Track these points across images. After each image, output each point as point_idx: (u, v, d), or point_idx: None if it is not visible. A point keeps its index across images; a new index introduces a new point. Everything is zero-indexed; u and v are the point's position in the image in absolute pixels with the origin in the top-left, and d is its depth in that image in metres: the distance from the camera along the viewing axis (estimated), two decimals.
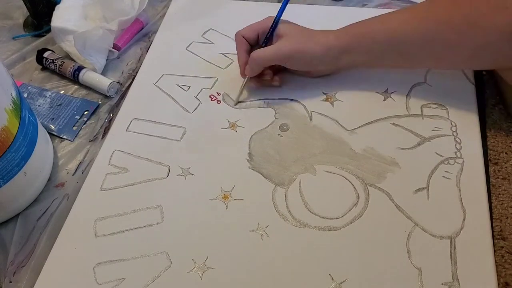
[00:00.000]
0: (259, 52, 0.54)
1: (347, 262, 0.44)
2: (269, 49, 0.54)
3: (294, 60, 0.54)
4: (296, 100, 0.58)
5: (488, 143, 0.51)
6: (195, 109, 0.58)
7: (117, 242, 0.48)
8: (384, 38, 0.51)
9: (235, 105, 0.58)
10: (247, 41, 0.56)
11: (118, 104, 0.61)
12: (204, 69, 0.63)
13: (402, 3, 0.67)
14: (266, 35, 0.55)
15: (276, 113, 0.57)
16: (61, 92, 0.63)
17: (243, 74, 0.57)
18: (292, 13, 0.68)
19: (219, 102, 0.59)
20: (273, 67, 0.57)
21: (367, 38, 0.52)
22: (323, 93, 0.58)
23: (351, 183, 0.50)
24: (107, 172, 0.53)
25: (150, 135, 0.56)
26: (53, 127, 0.58)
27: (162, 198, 0.50)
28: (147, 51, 0.66)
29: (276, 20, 0.54)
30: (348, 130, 0.54)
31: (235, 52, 0.64)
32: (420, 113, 0.54)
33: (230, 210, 0.49)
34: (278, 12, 0.55)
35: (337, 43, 0.52)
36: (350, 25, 0.54)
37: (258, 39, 0.56)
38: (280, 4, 0.55)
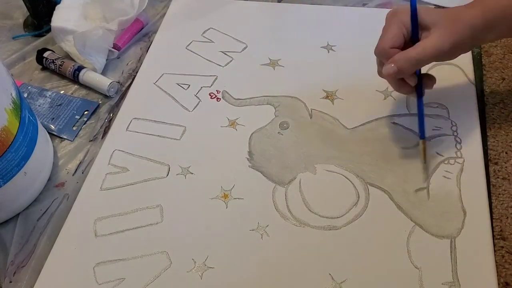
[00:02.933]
0: (417, 51, 0.45)
1: (347, 262, 0.44)
2: (428, 46, 0.44)
3: (450, 55, 0.46)
4: (296, 98, 0.57)
5: (488, 143, 0.51)
6: (195, 107, 0.58)
7: (117, 242, 0.48)
8: None
9: (425, 181, 0.49)
10: (398, 48, 0.47)
11: (118, 104, 0.61)
12: (204, 68, 0.63)
13: (402, 3, 0.67)
14: (413, 32, 0.46)
15: (276, 111, 0.57)
16: (61, 92, 0.63)
17: (413, 81, 0.48)
18: (292, 13, 0.68)
19: (218, 100, 0.59)
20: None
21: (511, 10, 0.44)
22: (324, 90, 0.58)
23: (351, 182, 0.50)
24: (107, 172, 0.53)
25: (150, 134, 0.56)
26: (53, 127, 0.58)
27: (162, 198, 0.50)
28: (147, 51, 0.66)
29: (413, 12, 0.46)
30: (349, 129, 0.54)
31: (235, 50, 0.64)
32: None
33: (230, 209, 0.49)
34: (411, 4, 0.46)
35: (484, 17, 0.45)
36: None
37: (405, 41, 0.47)
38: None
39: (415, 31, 0.46)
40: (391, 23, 0.47)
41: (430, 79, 0.50)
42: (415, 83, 0.48)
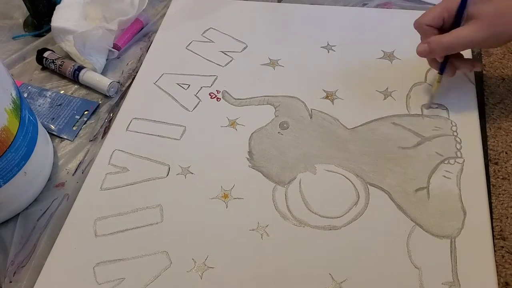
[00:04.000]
0: (449, 38, 0.47)
1: (347, 262, 0.44)
2: (462, 35, 0.46)
3: (485, 45, 0.50)
4: (296, 98, 0.57)
5: (488, 143, 0.51)
6: (195, 107, 0.58)
7: (117, 242, 0.48)
8: None
9: (427, 108, 0.54)
10: (434, 28, 0.49)
11: (118, 104, 0.61)
12: (204, 67, 0.63)
13: (402, 3, 0.67)
14: (456, 18, 0.47)
15: (276, 110, 0.57)
16: (61, 92, 0.63)
17: (441, 57, 0.51)
18: (292, 13, 0.68)
19: (218, 99, 0.59)
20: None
21: None
22: (324, 90, 0.58)
23: (351, 182, 0.50)
24: (107, 171, 0.53)
25: (150, 134, 0.56)
26: (53, 127, 0.58)
27: (162, 198, 0.50)
28: (147, 51, 0.66)
29: (463, 1, 0.46)
30: (349, 129, 0.54)
31: (235, 50, 0.64)
32: (421, 113, 0.54)
33: (230, 209, 0.49)
34: None
35: None
36: None
37: (443, 25, 0.49)
38: None
39: (458, 19, 0.47)
40: (440, 3, 0.49)
41: (467, 62, 0.52)
42: (441, 60, 0.51)
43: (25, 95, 0.62)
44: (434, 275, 0.43)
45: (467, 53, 0.59)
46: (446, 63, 0.51)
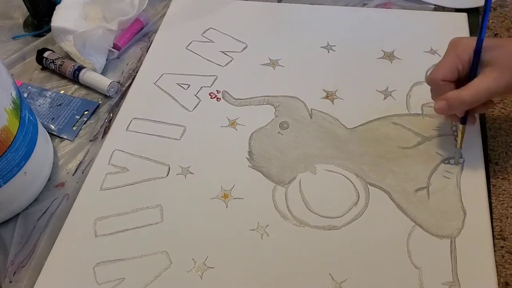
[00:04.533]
0: (469, 92, 0.43)
1: (347, 262, 0.44)
2: (481, 87, 0.43)
3: (507, 93, 0.47)
4: (296, 98, 0.57)
5: (488, 143, 0.51)
6: (195, 107, 0.58)
7: (117, 242, 0.48)
8: None
9: (457, 163, 0.49)
10: (450, 82, 0.46)
11: (118, 104, 0.61)
12: (204, 67, 0.63)
13: (402, 3, 0.67)
14: (472, 69, 0.45)
15: (276, 110, 0.57)
16: (61, 92, 0.63)
17: (461, 113, 0.47)
18: (292, 13, 0.68)
19: (218, 99, 0.59)
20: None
21: None
22: (324, 90, 0.58)
23: (351, 182, 0.50)
24: (107, 171, 0.53)
25: (150, 134, 0.56)
26: (53, 127, 0.58)
27: (162, 198, 0.50)
28: (147, 51, 0.66)
29: (477, 51, 0.44)
30: (349, 129, 0.54)
31: (235, 50, 0.64)
32: (421, 112, 0.54)
33: (230, 209, 0.49)
34: (477, 42, 0.44)
35: None
36: None
37: (459, 75, 0.46)
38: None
39: (474, 69, 0.44)
40: (449, 54, 0.46)
41: (484, 105, 0.47)
42: (462, 115, 0.47)
43: (25, 95, 0.62)
44: (434, 275, 0.43)
45: None
46: (467, 113, 0.47)
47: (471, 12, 0.64)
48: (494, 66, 0.43)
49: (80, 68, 0.62)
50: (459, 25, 0.63)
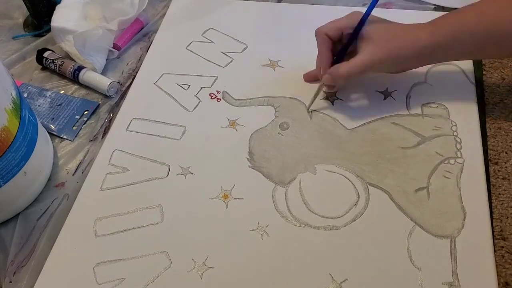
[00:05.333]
0: (346, 67, 0.49)
1: (347, 262, 0.44)
2: (357, 62, 0.49)
3: (384, 66, 0.50)
4: (296, 99, 0.57)
5: (488, 143, 0.51)
6: (195, 107, 0.58)
7: (117, 242, 0.48)
8: (482, 30, 0.46)
9: (308, 112, 0.54)
10: (330, 39, 0.51)
11: (118, 104, 0.61)
12: (204, 68, 0.63)
13: (402, 3, 0.67)
14: (353, 36, 0.50)
15: (276, 111, 0.57)
16: (61, 92, 0.63)
17: (320, 76, 0.53)
18: (292, 13, 0.68)
19: (219, 100, 0.59)
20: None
21: (464, 32, 0.47)
22: (324, 91, 0.58)
23: (351, 182, 0.50)
24: (107, 171, 0.53)
25: (150, 134, 0.56)
26: (53, 127, 0.58)
27: (162, 198, 0.50)
28: (147, 51, 0.66)
29: (363, 20, 0.49)
30: (349, 129, 0.54)
31: (235, 50, 0.64)
32: (421, 113, 0.54)
33: (230, 210, 0.49)
34: (366, 11, 0.49)
35: (431, 40, 0.48)
36: (440, 17, 0.49)
37: (341, 38, 0.51)
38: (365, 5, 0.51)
39: (353, 37, 0.50)
40: (343, 18, 0.51)
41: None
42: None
43: (25, 95, 0.62)
44: (434, 275, 0.43)
45: None
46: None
47: None
48: (370, 39, 0.48)
49: (80, 68, 0.62)
50: None
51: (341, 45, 0.52)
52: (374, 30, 0.49)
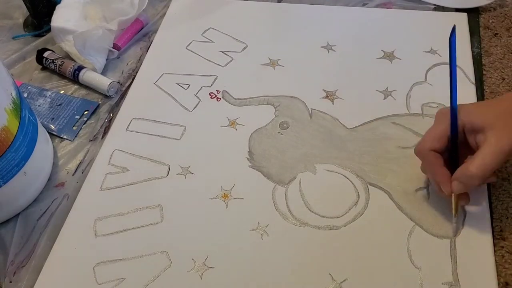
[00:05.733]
0: (477, 164, 0.40)
1: (347, 262, 0.44)
2: (487, 154, 0.40)
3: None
4: (296, 98, 0.57)
5: None
6: (195, 107, 0.58)
7: (117, 242, 0.48)
8: None
9: (455, 235, 0.45)
10: (438, 153, 0.43)
11: (118, 104, 0.61)
12: (204, 67, 0.63)
13: (402, 3, 0.67)
14: (454, 136, 0.43)
15: (276, 110, 0.57)
16: (61, 92, 0.63)
17: (450, 193, 0.44)
18: (292, 13, 0.68)
19: (218, 99, 0.59)
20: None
21: None
22: (324, 90, 0.58)
23: (351, 182, 0.50)
24: (107, 171, 0.53)
25: (150, 134, 0.56)
26: (53, 127, 0.58)
27: (162, 198, 0.50)
28: (147, 51, 0.66)
29: (454, 119, 0.42)
30: (349, 129, 0.54)
31: (235, 50, 0.64)
32: (421, 112, 0.54)
33: (230, 209, 0.49)
34: (451, 103, 0.42)
35: None
36: None
37: (447, 144, 0.44)
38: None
39: (454, 136, 0.43)
40: (436, 124, 0.44)
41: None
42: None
43: (25, 95, 0.62)
44: (434, 275, 0.43)
45: (466, 54, 0.59)
46: None
47: (471, 12, 0.64)
48: (490, 128, 0.41)
49: (80, 68, 0.62)
50: (459, 25, 0.63)
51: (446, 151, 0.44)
52: (487, 117, 0.41)
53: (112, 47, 0.65)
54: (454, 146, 0.43)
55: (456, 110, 0.42)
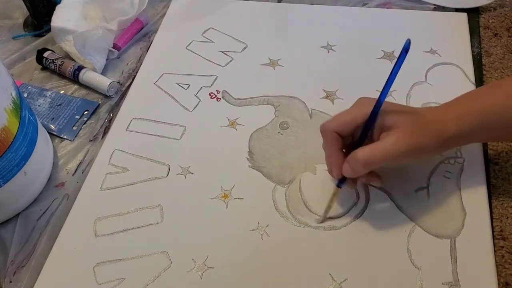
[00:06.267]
0: (367, 153, 0.41)
1: (347, 262, 0.44)
2: (381, 148, 0.41)
3: (407, 158, 0.43)
4: (296, 98, 0.57)
5: (488, 143, 0.51)
6: (195, 107, 0.58)
7: (117, 242, 0.48)
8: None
9: (321, 222, 0.47)
10: (340, 136, 0.44)
11: (118, 104, 0.61)
12: (203, 67, 0.63)
13: (402, 2, 0.67)
14: (366, 128, 0.43)
15: (276, 110, 0.57)
16: (61, 92, 0.63)
17: (338, 176, 0.45)
18: (292, 13, 0.68)
19: (218, 99, 0.59)
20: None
21: (493, 118, 0.43)
22: (324, 90, 0.58)
23: None
24: (107, 171, 0.53)
25: (150, 134, 0.56)
26: (53, 127, 0.58)
27: (162, 198, 0.50)
28: (147, 51, 0.66)
29: (375, 111, 0.42)
30: None
31: (235, 50, 0.64)
32: None
33: (230, 209, 0.49)
34: (378, 100, 0.42)
35: (458, 130, 0.42)
36: (465, 99, 0.45)
37: (353, 133, 0.44)
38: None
39: (365, 131, 0.43)
40: (351, 109, 0.45)
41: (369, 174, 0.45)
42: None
43: (25, 95, 0.62)
44: (434, 275, 0.43)
45: (466, 54, 0.59)
46: (345, 178, 0.45)
47: (471, 12, 0.64)
48: (395, 129, 0.41)
49: (80, 68, 0.62)
50: (459, 25, 0.63)
51: (350, 139, 0.45)
52: (399, 119, 0.42)
53: (112, 47, 0.65)
54: (362, 138, 0.43)
55: (381, 105, 0.42)
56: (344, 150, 0.45)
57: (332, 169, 0.45)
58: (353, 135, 0.44)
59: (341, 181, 0.45)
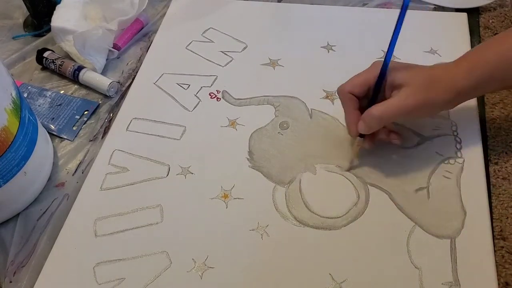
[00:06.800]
0: (379, 108, 0.44)
1: (347, 262, 0.44)
2: (391, 104, 0.44)
3: (418, 113, 0.46)
4: (296, 98, 0.57)
5: (488, 143, 0.51)
6: (195, 107, 0.58)
7: (117, 242, 0.48)
8: None
9: (347, 170, 0.50)
10: (355, 96, 0.47)
11: (118, 104, 0.61)
12: (203, 67, 0.63)
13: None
14: (377, 87, 0.46)
15: (276, 110, 0.57)
16: (61, 92, 0.63)
17: (355, 133, 0.48)
18: (292, 13, 0.68)
19: (218, 99, 0.59)
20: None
21: (503, 67, 0.44)
22: (324, 90, 0.58)
23: (351, 182, 0.50)
24: (107, 171, 0.53)
25: (150, 134, 0.56)
26: (53, 127, 0.58)
27: (162, 198, 0.50)
28: (147, 51, 0.66)
29: (383, 71, 0.45)
30: None
31: (235, 50, 0.64)
32: None
33: (230, 209, 0.49)
34: (385, 58, 0.45)
35: (469, 82, 0.44)
36: (475, 51, 0.46)
37: (367, 93, 0.47)
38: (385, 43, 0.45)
39: (377, 89, 0.46)
40: (365, 71, 0.47)
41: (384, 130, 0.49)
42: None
43: (25, 95, 0.62)
44: (434, 275, 0.43)
45: None
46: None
47: (471, 12, 0.64)
48: (405, 86, 0.44)
49: (80, 68, 0.62)
50: (459, 25, 0.63)
51: (366, 99, 0.48)
52: (409, 76, 0.45)
53: (112, 47, 0.65)
54: (374, 96, 0.46)
55: (388, 65, 0.45)
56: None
57: (349, 127, 0.48)
58: (368, 96, 0.47)
59: (361, 136, 0.48)
